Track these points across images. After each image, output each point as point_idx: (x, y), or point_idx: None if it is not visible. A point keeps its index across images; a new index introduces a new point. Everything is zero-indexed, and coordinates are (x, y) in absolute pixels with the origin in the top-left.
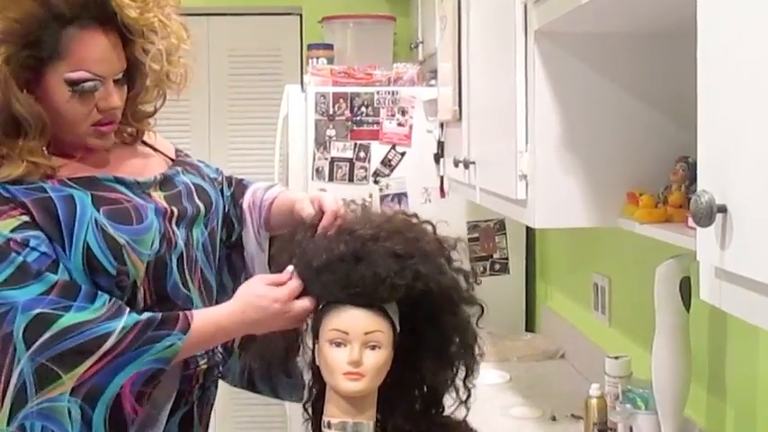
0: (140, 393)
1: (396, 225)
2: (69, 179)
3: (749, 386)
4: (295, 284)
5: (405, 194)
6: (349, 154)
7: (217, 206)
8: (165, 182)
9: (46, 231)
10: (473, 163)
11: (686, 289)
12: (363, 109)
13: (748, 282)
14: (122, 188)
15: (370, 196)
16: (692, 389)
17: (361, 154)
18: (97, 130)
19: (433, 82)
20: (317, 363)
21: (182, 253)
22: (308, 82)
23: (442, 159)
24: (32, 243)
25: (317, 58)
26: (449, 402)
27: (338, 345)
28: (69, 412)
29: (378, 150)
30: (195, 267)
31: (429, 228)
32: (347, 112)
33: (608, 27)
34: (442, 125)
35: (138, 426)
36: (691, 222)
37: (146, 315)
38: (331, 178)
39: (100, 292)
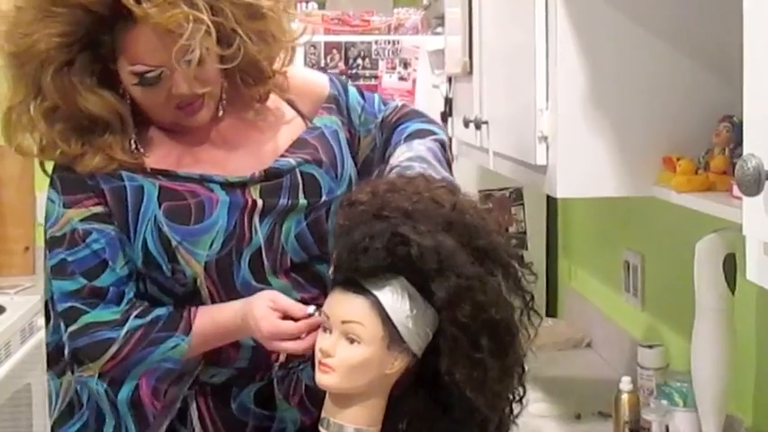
0: (155, 389)
1: (389, 188)
2: (152, 169)
3: None
4: (295, 328)
5: None
6: None
7: (331, 194)
8: (269, 177)
9: (117, 220)
10: (486, 123)
11: (731, 268)
12: (360, 61)
13: None
14: (197, 181)
15: None
16: (737, 382)
17: None
18: (183, 111)
19: (439, 29)
20: None
21: (259, 247)
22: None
23: (450, 119)
24: (93, 237)
25: (307, 2)
26: None
27: (325, 329)
28: (98, 392)
29: None
30: (282, 259)
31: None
32: (341, 65)
33: None
34: (449, 79)
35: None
36: (736, 191)
37: (150, 317)
38: None
39: (128, 291)
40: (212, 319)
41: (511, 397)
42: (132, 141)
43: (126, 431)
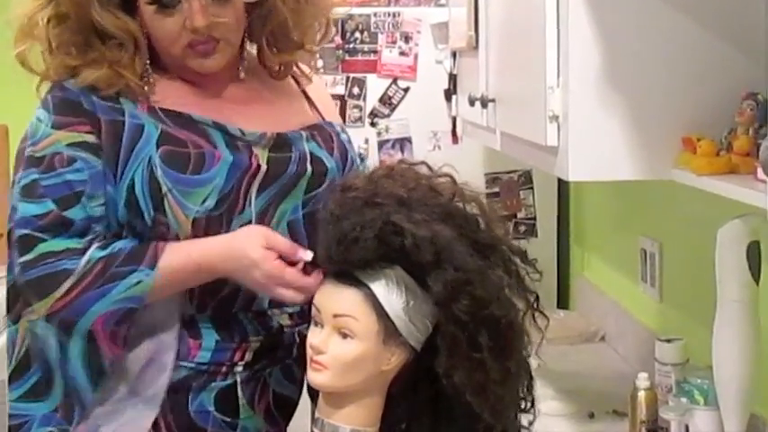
0: (113, 333)
1: (386, 173)
2: (162, 109)
3: None
4: (300, 280)
5: (408, 140)
6: (340, 90)
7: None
8: (279, 143)
9: (107, 155)
10: (492, 101)
11: (755, 256)
12: (357, 35)
13: None
14: (214, 133)
15: (366, 142)
16: (762, 379)
17: (355, 90)
18: (194, 50)
19: (443, 1)
20: None
21: (249, 221)
22: None
23: (454, 96)
24: (75, 166)
25: None
26: None
27: (316, 324)
28: (47, 338)
29: (375, 85)
30: None
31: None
32: (337, 39)
33: None
34: (454, 54)
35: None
36: (760, 174)
37: (111, 248)
38: None
39: (94, 227)
40: (187, 254)
41: (516, 403)
42: (146, 65)
43: (76, 391)
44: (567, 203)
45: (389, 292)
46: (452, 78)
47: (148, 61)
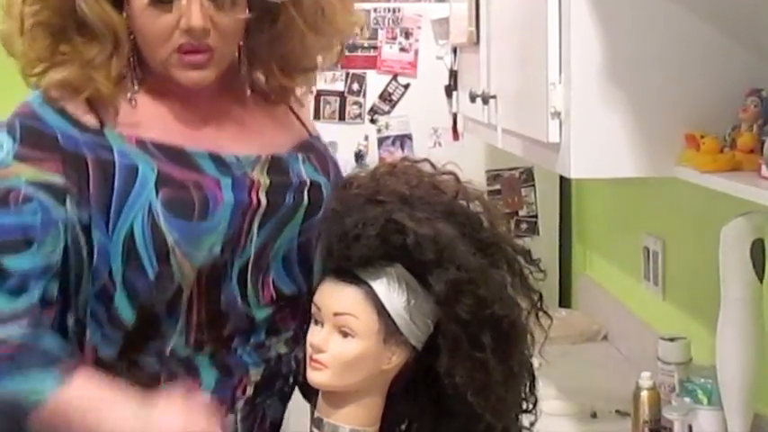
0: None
1: (388, 170)
2: (153, 143)
3: None
4: None
5: (408, 136)
6: (339, 86)
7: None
8: (275, 166)
9: (96, 201)
10: (494, 97)
11: (759, 254)
12: (357, 30)
13: None
14: (209, 167)
15: (366, 139)
16: (767, 378)
17: (355, 86)
18: (182, 58)
19: None
20: None
21: (248, 260)
22: None
23: (454, 93)
24: (28, 207)
25: None
26: None
27: (316, 322)
28: None
29: (375, 82)
30: (264, 279)
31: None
32: None
33: None
34: (454, 50)
35: None
36: (765, 171)
37: (38, 332)
38: (317, 116)
39: (31, 291)
40: (97, 387)
41: (518, 404)
42: (128, 68)
43: None
44: (569, 201)
45: (390, 291)
46: (453, 74)
47: (135, 65)
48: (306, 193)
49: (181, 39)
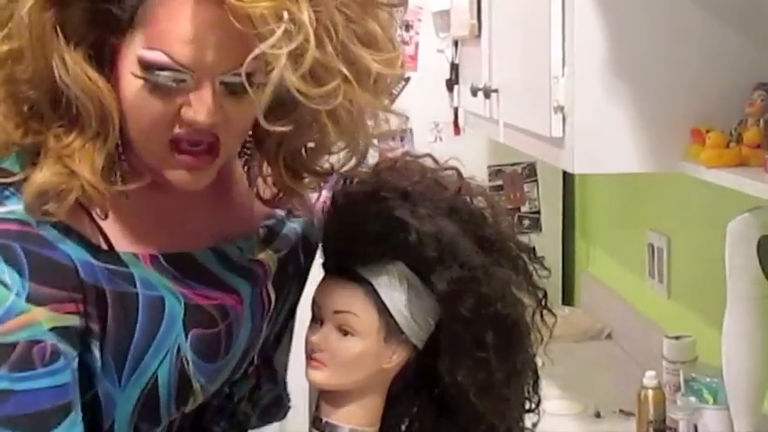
0: None
1: (390, 166)
2: (164, 256)
3: None
4: None
5: (409, 131)
6: None
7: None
8: (271, 237)
9: (112, 344)
10: (495, 91)
11: (766, 251)
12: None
13: None
14: (219, 269)
15: None
16: None
17: None
18: (180, 153)
19: None
20: None
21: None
22: None
23: (456, 87)
24: (57, 365)
25: None
26: None
27: (315, 320)
28: None
29: None
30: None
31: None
32: None
33: None
34: (456, 43)
35: None
36: None
37: None
38: None
39: None
40: None
41: (521, 404)
42: (116, 159)
43: None
44: (572, 196)
45: (392, 289)
46: (454, 68)
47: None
48: (300, 253)
49: (178, 129)
